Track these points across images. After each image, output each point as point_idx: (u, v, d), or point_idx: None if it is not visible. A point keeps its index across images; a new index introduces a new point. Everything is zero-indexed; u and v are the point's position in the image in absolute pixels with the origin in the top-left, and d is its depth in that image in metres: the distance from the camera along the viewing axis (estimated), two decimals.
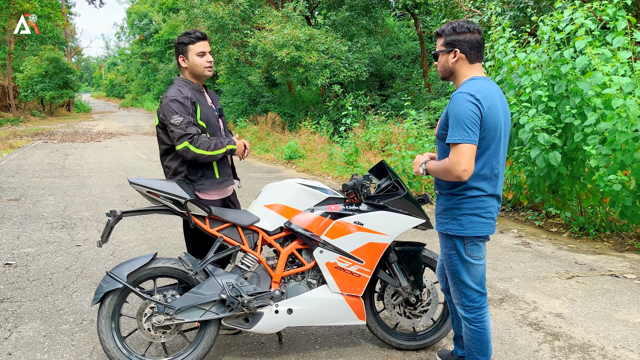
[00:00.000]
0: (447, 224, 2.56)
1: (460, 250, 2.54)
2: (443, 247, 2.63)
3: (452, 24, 2.50)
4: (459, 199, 2.51)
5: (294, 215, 2.99)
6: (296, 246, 3.01)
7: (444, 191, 2.57)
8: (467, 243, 2.53)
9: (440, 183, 2.60)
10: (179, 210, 2.90)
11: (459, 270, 2.58)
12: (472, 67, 2.52)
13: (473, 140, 2.32)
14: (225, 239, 2.94)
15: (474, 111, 2.33)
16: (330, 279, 2.96)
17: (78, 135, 19.52)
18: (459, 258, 2.56)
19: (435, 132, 2.62)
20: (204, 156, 2.98)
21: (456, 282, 2.62)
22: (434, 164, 2.51)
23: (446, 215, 2.57)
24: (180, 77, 3.22)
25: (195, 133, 2.96)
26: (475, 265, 2.56)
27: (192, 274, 2.83)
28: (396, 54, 21.95)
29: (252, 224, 2.98)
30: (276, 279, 2.97)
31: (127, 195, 8.28)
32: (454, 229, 2.53)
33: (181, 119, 2.96)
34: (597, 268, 4.75)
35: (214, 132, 3.20)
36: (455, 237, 2.54)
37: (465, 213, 2.50)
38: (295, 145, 12.83)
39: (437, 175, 2.49)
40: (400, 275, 3.11)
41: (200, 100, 3.15)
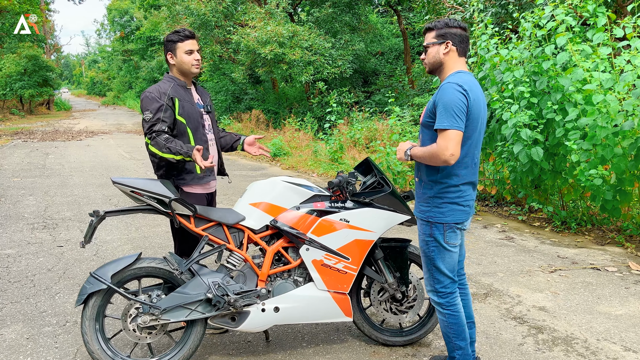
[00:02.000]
0: (428, 211, 2.63)
1: (438, 236, 2.62)
2: (421, 233, 2.70)
3: (444, 20, 2.64)
4: (441, 187, 2.58)
5: (280, 213, 2.98)
6: (282, 244, 3.01)
7: (427, 179, 2.62)
8: (446, 230, 2.61)
9: (423, 171, 2.64)
10: (163, 210, 2.87)
11: (434, 257, 2.65)
12: (459, 60, 2.62)
13: (460, 127, 2.42)
14: (211, 237, 2.93)
15: (462, 100, 2.44)
16: (316, 277, 2.96)
17: (59, 134, 19.23)
18: (437, 244, 2.63)
19: (421, 120, 2.67)
20: (158, 156, 3.02)
21: (431, 269, 2.70)
22: (420, 150, 2.56)
23: (427, 203, 2.64)
24: (169, 74, 3.27)
25: (156, 130, 3.01)
26: (450, 252, 2.65)
27: (178, 273, 2.81)
28: (379, 51, 22.01)
29: (238, 223, 2.97)
30: (262, 278, 2.97)
31: (110, 195, 8.19)
32: (435, 217, 2.61)
33: (150, 116, 3.04)
34: (579, 261, 4.82)
35: (195, 128, 3.20)
36: (436, 224, 2.61)
37: (446, 201, 2.59)
38: (280, 143, 12.80)
39: (423, 160, 2.55)
40: (387, 272, 3.12)
41: (183, 96, 3.17)
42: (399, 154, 2.71)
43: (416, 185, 2.75)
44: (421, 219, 2.67)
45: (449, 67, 2.62)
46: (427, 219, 2.63)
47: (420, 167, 2.67)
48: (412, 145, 2.68)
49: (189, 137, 3.16)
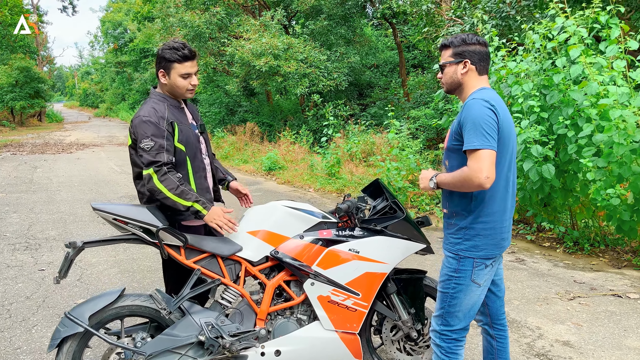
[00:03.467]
0: (458, 244, 2.32)
1: (466, 273, 2.31)
2: (446, 267, 2.38)
3: (461, 36, 2.36)
4: (474, 217, 2.28)
5: (281, 242, 2.66)
6: (284, 278, 2.68)
7: (459, 209, 2.31)
8: (476, 266, 2.30)
9: (453, 200, 2.33)
10: (150, 240, 2.54)
11: (455, 295, 2.34)
12: (480, 79, 2.35)
13: (492, 146, 2.13)
14: (203, 271, 2.59)
15: (491, 117, 2.16)
16: (322, 315, 2.63)
17: (49, 147, 18.84)
18: (462, 281, 2.32)
19: (445, 145, 2.36)
20: (163, 195, 2.58)
21: (445, 307, 2.38)
22: (448, 176, 2.25)
23: (458, 235, 2.33)
24: (157, 91, 2.83)
25: (164, 162, 2.59)
26: (474, 292, 2.34)
27: (166, 313, 2.47)
28: (374, 64, 21.84)
29: (234, 254, 2.64)
30: (262, 316, 2.63)
31: None
32: (465, 250, 2.30)
33: (152, 144, 2.59)
34: (598, 287, 4.51)
35: (194, 155, 2.82)
36: (466, 259, 2.30)
37: (480, 233, 2.28)
38: (275, 156, 12.48)
39: (452, 187, 2.24)
40: (400, 308, 2.80)
41: (180, 118, 2.77)
42: (422, 182, 2.40)
43: (444, 216, 2.44)
44: (450, 253, 2.36)
45: (469, 86, 2.35)
46: (456, 252, 2.32)
47: (450, 195, 2.36)
48: (435, 172, 2.38)
49: (187, 166, 2.76)
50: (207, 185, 2.93)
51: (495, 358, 2.55)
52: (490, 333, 2.55)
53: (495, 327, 2.54)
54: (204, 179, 2.89)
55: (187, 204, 2.59)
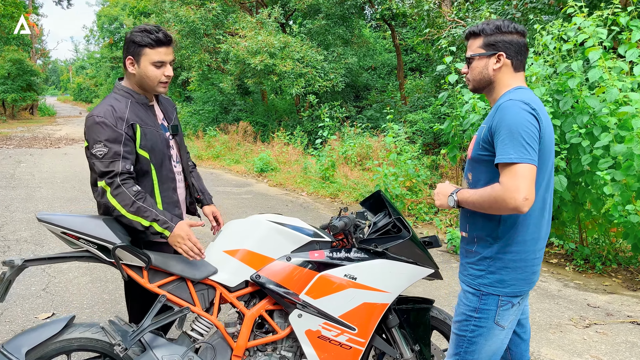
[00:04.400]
0: (480, 277, 1.90)
1: (489, 313, 1.89)
2: (463, 305, 1.95)
3: (495, 22, 1.91)
4: (503, 245, 1.86)
5: (264, 264, 2.23)
6: (266, 307, 2.26)
7: (483, 234, 1.89)
8: (501, 304, 1.88)
9: (476, 223, 1.91)
10: (106, 259, 2.12)
11: (474, 340, 1.92)
12: (516, 76, 1.94)
13: (533, 160, 1.71)
14: (170, 297, 2.17)
15: (533, 123, 1.75)
16: (311, 353, 2.21)
17: (37, 141, 18.33)
18: (483, 323, 1.90)
19: (469, 154, 1.94)
20: (117, 212, 2.15)
21: (461, 353, 1.96)
22: (473, 194, 1.83)
23: (481, 266, 1.91)
24: (123, 84, 2.37)
25: (118, 172, 2.15)
26: (497, 336, 1.92)
27: (121, 349, 2.04)
28: (372, 65, 21.47)
29: (207, 277, 2.21)
30: (238, 352, 2.21)
31: (78, 212, 7.37)
32: (489, 285, 1.89)
33: (104, 151, 2.15)
34: (614, 313, 4.11)
35: (161, 162, 2.36)
36: (489, 295, 1.88)
37: (508, 265, 1.86)
38: (268, 157, 12.05)
39: (478, 207, 1.82)
40: (402, 344, 2.38)
41: (144, 119, 2.31)
42: (439, 199, 1.99)
43: (463, 241, 2.02)
44: (469, 287, 1.94)
45: (502, 85, 1.93)
46: (477, 287, 1.90)
47: (472, 216, 1.95)
48: (456, 187, 1.97)
49: (152, 176, 2.32)
50: (177, 198, 2.47)
51: None
52: None
53: None
54: (172, 191, 2.44)
55: (145, 223, 2.15)
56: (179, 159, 2.53)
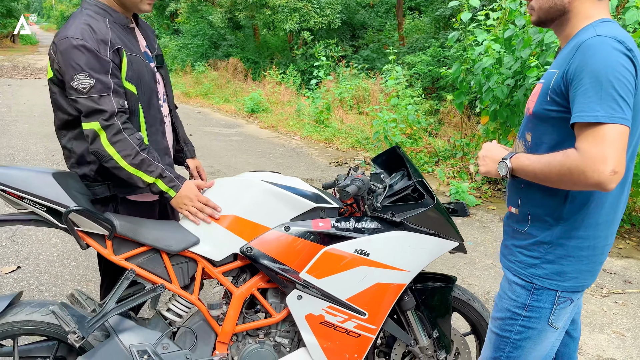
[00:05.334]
0: (534, 267, 1.48)
1: (542, 312, 1.49)
2: (508, 299, 1.54)
3: None
4: (569, 229, 1.44)
5: (257, 235, 1.82)
6: (258, 284, 1.86)
7: (539, 212, 1.47)
8: (559, 301, 1.48)
9: (533, 197, 1.48)
10: (58, 224, 1.69)
11: (520, 343, 1.52)
12: (599, 4, 1.43)
13: (627, 120, 1.25)
14: (140, 272, 1.76)
15: (629, 69, 1.27)
16: (311, 341, 1.84)
17: (17, 71, 17.41)
18: (534, 323, 1.50)
19: (530, 108, 1.48)
20: (113, 163, 1.73)
21: (501, 357, 1.57)
22: (535, 162, 1.37)
23: (535, 252, 1.49)
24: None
25: (115, 111, 1.72)
26: (548, 339, 1.53)
27: (76, 338, 1.64)
28: (370, 2, 20.43)
29: (187, 248, 1.80)
30: (224, 338, 1.83)
31: (55, 149, 6.85)
32: (546, 278, 1.47)
33: (90, 83, 1.69)
34: (632, 280, 3.81)
35: (149, 100, 1.92)
36: (545, 290, 1.47)
37: (572, 254, 1.45)
38: (259, 97, 11.44)
39: (541, 179, 1.36)
40: (419, 329, 2.02)
41: (128, 44, 1.84)
42: (486, 164, 1.54)
43: (511, 218, 1.59)
44: (517, 277, 1.53)
45: (580, 17, 1.42)
46: (529, 278, 1.49)
47: (527, 189, 1.51)
48: (510, 151, 1.52)
49: (138, 116, 1.87)
50: (166, 144, 2.06)
51: None
52: None
53: None
54: (161, 135, 2.01)
55: (148, 179, 1.76)
56: (165, 97, 2.08)
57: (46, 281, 3.31)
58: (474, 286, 3.57)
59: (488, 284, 3.62)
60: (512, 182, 1.56)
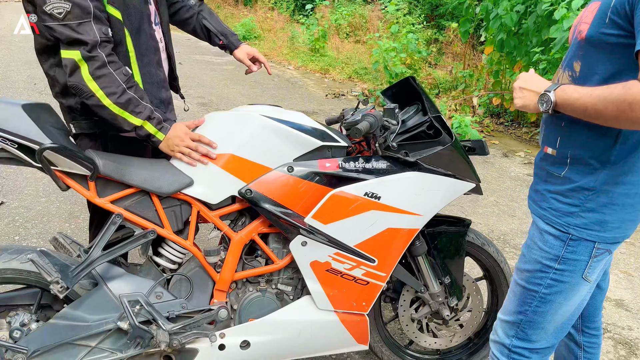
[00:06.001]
0: (572, 215, 1.31)
1: (577, 264, 1.33)
2: (540, 250, 1.38)
3: None
4: (615, 174, 1.25)
5: (257, 176, 1.64)
6: (259, 229, 1.71)
7: (582, 154, 1.28)
8: (597, 253, 1.32)
9: (577, 137, 1.29)
10: (32, 163, 1.49)
11: (550, 297, 1.38)
12: None
13: None
14: (128, 216, 1.59)
15: None
16: (317, 290, 1.71)
17: None
18: (566, 277, 1.35)
19: (583, 31, 1.25)
20: (95, 101, 1.52)
21: (528, 312, 1.42)
22: (587, 94, 1.15)
23: (575, 199, 1.30)
24: None
25: (98, 41, 1.50)
26: (580, 293, 1.39)
27: (60, 289, 1.49)
28: None
29: (179, 190, 1.62)
30: (222, 286, 1.69)
31: (37, 77, 6.51)
32: (585, 227, 1.30)
33: (66, 7, 1.45)
34: None
35: (138, 26, 1.68)
36: (582, 241, 1.31)
37: (616, 202, 1.27)
38: (251, 24, 10.93)
39: (592, 115, 1.15)
40: (430, 275, 1.90)
41: None
42: (523, 96, 1.32)
43: (545, 160, 1.40)
44: (550, 226, 1.36)
45: None
46: (565, 228, 1.32)
47: (571, 128, 1.30)
48: (553, 83, 1.31)
49: (125, 46, 1.64)
50: (162, 76, 1.84)
51: None
52: (576, 339, 1.68)
53: (586, 332, 1.66)
54: (156, 66, 1.79)
55: (135, 121, 1.56)
56: (159, 18, 1.82)
57: (32, 217, 3.16)
58: (478, 224, 3.47)
59: (492, 222, 3.51)
60: (550, 119, 1.37)
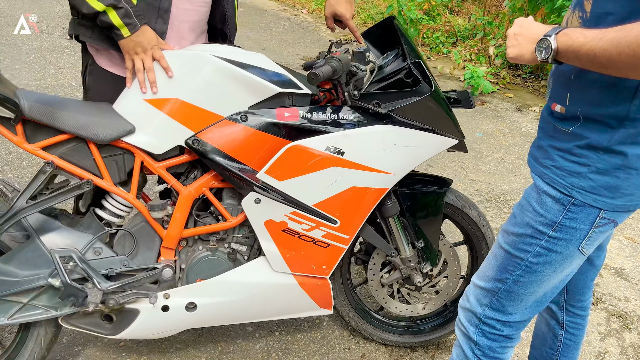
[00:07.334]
0: (578, 176, 1.11)
1: (576, 233, 1.15)
2: (532, 212, 1.19)
3: None
4: (635, 133, 1.04)
5: (207, 124, 1.47)
6: (211, 183, 1.56)
7: (598, 112, 1.07)
8: (600, 224, 1.14)
9: (589, 91, 1.07)
10: None
11: (536, 268, 1.20)
12: None
13: None
14: (61, 164, 1.45)
15: None
16: (272, 250, 1.57)
17: None
18: (561, 247, 1.17)
19: None
20: None
21: (508, 281, 1.25)
22: (597, 37, 0.94)
23: (584, 158, 1.09)
24: None
25: None
26: (570, 266, 1.21)
27: None
28: None
29: (119, 138, 1.47)
30: (169, 243, 1.56)
31: (32, 6, 6.31)
32: (590, 192, 1.10)
33: None
34: None
35: None
36: (584, 207, 1.12)
37: (632, 165, 1.07)
38: None
39: (605, 63, 0.94)
40: (402, 238, 1.74)
41: None
42: (517, 44, 1.09)
43: (553, 116, 1.17)
44: (550, 187, 1.15)
45: None
46: (568, 190, 1.12)
47: (582, 80, 1.08)
48: (554, 27, 1.08)
49: None
50: None
51: (556, 355, 1.55)
52: (558, 318, 1.51)
53: (571, 311, 1.49)
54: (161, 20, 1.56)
55: (96, 5, 1.39)
56: None
57: None
58: (478, 182, 3.28)
59: (493, 181, 3.31)
60: (557, 72, 1.14)
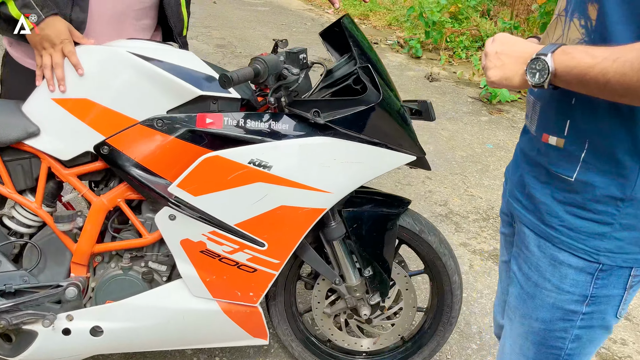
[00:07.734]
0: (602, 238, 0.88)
1: (611, 300, 0.92)
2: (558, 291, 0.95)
3: None
4: None
5: (119, 128, 1.32)
6: (127, 194, 1.41)
7: (611, 146, 0.83)
8: (633, 282, 0.91)
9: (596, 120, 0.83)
10: None
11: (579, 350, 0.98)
12: None
13: None
14: None
15: None
16: (190, 273, 1.41)
17: None
18: (597, 319, 0.94)
19: None
20: None
21: None
22: (604, 57, 0.72)
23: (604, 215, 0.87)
24: None
25: None
26: (605, 338, 0.99)
27: None
28: None
29: (22, 140, 1.33)
30: (79, 259, 1.42)
31: None
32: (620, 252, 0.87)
33: None
34: None
35: None
36: (613, 270, 0.89)
37: None
38: None
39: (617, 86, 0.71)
40: (347, 265, 1.54)
41: None
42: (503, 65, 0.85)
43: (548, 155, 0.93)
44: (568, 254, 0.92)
45: None
46: (592, 256, 0.89)
47: (584, 107, 0.84)
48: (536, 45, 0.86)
49: None
50: None
51: None
52: None
53: None
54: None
55: None
56: None
57: None
58: (478, 198, 3.03)
59: (495, 198, 3.06)
60: (550, 95, 0.90)
